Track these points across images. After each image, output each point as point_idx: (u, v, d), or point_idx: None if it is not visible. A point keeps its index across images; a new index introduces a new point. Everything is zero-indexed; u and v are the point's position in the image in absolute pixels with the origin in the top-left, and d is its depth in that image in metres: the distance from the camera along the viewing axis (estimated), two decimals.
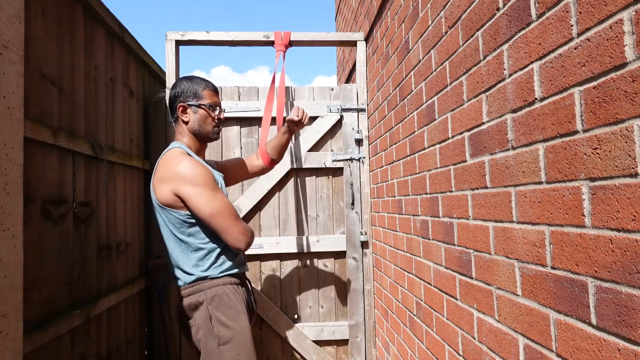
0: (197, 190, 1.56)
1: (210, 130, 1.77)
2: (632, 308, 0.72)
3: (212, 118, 1.76)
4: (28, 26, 1.54)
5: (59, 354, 1.71)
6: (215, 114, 1.77)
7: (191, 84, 1.76)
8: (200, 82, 1.78)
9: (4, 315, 0.89)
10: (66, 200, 1.80)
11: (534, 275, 1.00)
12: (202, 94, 1.75)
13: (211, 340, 1.59)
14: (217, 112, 1.78)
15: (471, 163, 1.33)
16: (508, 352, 1.12)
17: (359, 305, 2.82)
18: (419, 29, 1.81)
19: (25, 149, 1.41)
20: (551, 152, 0.94)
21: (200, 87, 1.76)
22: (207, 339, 1.59)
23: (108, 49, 2.32)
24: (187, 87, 1.76)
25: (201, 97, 1.75)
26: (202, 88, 1.76)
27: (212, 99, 1.77)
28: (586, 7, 0.83)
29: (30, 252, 1.50)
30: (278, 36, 2.85)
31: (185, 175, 1.57)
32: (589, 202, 0.83)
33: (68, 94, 1.86)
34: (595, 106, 0.81)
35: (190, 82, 1.77)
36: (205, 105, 1.74)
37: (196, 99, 1.75)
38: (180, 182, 1.57)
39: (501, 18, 1.14)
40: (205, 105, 1.74)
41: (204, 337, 1.60)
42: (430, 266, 1.71)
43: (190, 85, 1.76)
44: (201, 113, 1.74)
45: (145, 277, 2.74)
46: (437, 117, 1.62)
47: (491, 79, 1.20)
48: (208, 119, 1.75)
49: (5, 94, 0.94)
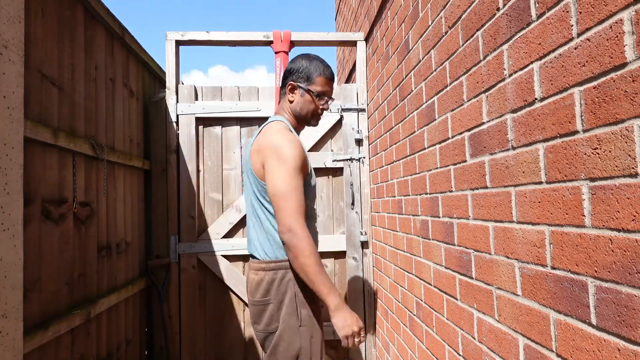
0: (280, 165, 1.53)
1: (310, 117, 1.73)
2: (632, 308, 0.72)
3: (316, 106, 1.71)
4: (28, 26, 1.54)
5: (59, 354, 1.71)
6: (321, 104, 1.72)
7: (309, 64, 1.71)
8: (317, 65, 1.72)
9: (4, 315, 0.89)
10: (66, 200, 1.80)
11: (534, 275, 1.00)
12: (315, 79, 1.70)
13: (293, 320, 1.57)
14: (324, 102, 1.72)
15: (471, 163, 1.33)
16: (508, 352, 1.12)
17: (359, 305, 2.82)
18: (419, 29, 1.81)
19: (25, 149, 1.41)
20: (551, 152, 0.94)
21: (316, 72, 1.70)
22: (290, 318, 1.57)
23: (108, 49, 2.32)
24: (304, 67, 1.71)
25: (312, 82, 1.69)
26: (317, 73, 1.70)
27: (323, 87, 1.70)
28: (586, 7, 0.83)
29: (30, 252, 1.50)
30: (278, 36, 2.85)
31: (278, 149, 1.55)
32: (589, 202, 0.83)
33: (68, 94, 1.86)
34: (595, 106, 0.81)
35: (309, 62, 1.72)
36: (314, 92, 1.69)
37: (307, 82, 1.70)
38: (272, 154, 1.55)
39: (501, 18, 1.14)
40: (313, 92, 1.69)
41: (287, 315, 1.57)
42: (430, 266, 1.71)
43: (308, 66, 1.71)
44: (307, 98, 1.70)
45: (145, 277, 2.74)
46: (437, 117, 1.62)
47: (491, 79, 1.20)
48: (312, 106, 1.71)
49: (5, 94, 0.94)
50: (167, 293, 2.78)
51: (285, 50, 2.85)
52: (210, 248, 2.77)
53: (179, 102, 2.82)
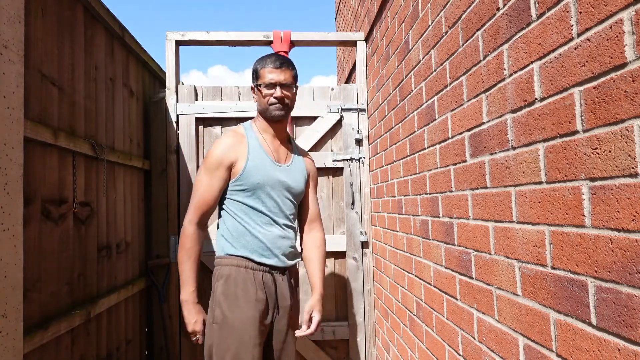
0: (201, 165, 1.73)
1: (266, 110, 1.74)
2: (632, 308, 0.72)
3: (265, 97, 1.72)
4: (28, 26, 1.54)
5: (59, 354, 1.71)
6: (269, 92, 1.72)
7: (256, 63, 1.77)
8: (260, 60, 1.77)
9: (4, 315, 0.89)
10: (66, 200, 1.80)
11: (534, 275, 1.00)
12: (260, 73, 1.74)
13: (210, 316, 1.67)
14: (271, 91, 1.72)
15: (471, 163, 1.33)
16: (508, 352, 1.12)
17: (359, 305, 2.82)
18: (419, 29, 1.81)
19: (25, 149, 1.41)
20: (551, 152, 0.94)
21: (260, 65, 1.75)
22: (209, 313, 1.68)
23: (108, 49, 2.32)
24: (253, 68, 1.78)
25: (259, 77, 1.75)
26: (260, 67, 1.75)
27: (267, 77, 1.72)
28: (586, 7, 0.83)
29: (30, 252, 1.50)
30: (278, 36, 2.85)
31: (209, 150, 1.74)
32: (589, 202, 0.83)
33: (68, 94, 1.86)
34: (595, 106, 0.81)
35: (257, 61, 1.78)
36: (261, 85, 1.73)
37: (256, 79, 1.76)
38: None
39: (501, 18, 1.14)
40: (260, 85, 1.73)
41: (209, 309, 1.68)
42: (430, 266, 1.71)
43: (255, 65, 1.77)
44: (258, 94, 1.75)
45: (145, 277, 2.74)
46: (437, 117, 1.62)
47: (491, 79, 1.20)
48: (263, 99, 1.73)
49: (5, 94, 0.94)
50: (167, 293, 2.78)
51: (285, 50, 2.85)
52: (210, 248, 2.77)
53: (179, 102, 2.82)
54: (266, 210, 1.72)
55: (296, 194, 1.82)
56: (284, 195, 1.77)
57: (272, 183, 1.73)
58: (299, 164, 1.87)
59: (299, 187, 1.82)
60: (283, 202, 1.76)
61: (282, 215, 1.76)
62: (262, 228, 1.71)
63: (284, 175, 1.77)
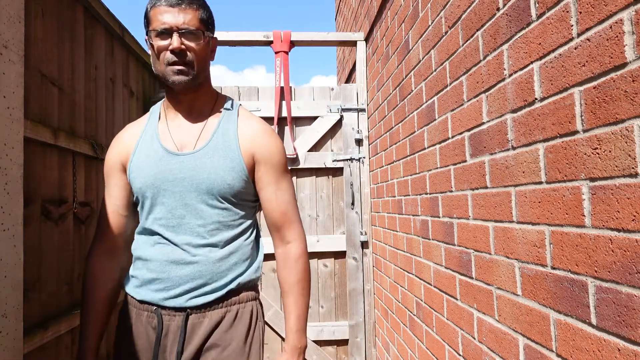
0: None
1: (163, 69, 1.12)
2: (632, 308, 0.72)
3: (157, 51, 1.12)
4: (28, 26, 1.54)
5: (59, 354, 1.71)
6: (162, 44, 1.11)
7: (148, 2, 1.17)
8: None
9: (4, 315, 0.89)
10: (66, 200, 1.80)
11: (534, 275, 1.00)
12: (150, 15, 1.14)
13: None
14: (166, 41, 1.10)
15: (471, 163, 1.33)
16: (508, 352, 1.12)
17: (359, 305, 2.82)
18: (419, 29, 1.81)
19: (25, 149, 1.41)
20: (551, 152, 0.94)
21: (149, 6, 1.15)
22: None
23: (108, 49, 2.32)
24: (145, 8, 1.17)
25: (149, 22, 1.14)
26: (150, 7, 1.14)
27: (158, 20, 1.11)
28: (586, 7, 0.83)
29: (30, 252, 1.50)
30: (278, 36, 2.85)
31: None
32: (589, 202, 0.83)
33: (68, 94, 1.86)
34: (595, 106, 0.81)
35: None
36: (152, 32, 1.12)
37: (147, 27, 1.16)
38: None
39: (501, 18, 1.14)
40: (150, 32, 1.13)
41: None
42: (430, 266, 1.71)
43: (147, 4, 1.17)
44: (151, 47, 1.14)
45: None
46: (437, 117, 1.62)
47: (491, 79, 1.20)
48: (157, 57, 1.13)
49: (5, 94, 0.93)
50: None
51: (285, 50, 2.85)
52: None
53: None
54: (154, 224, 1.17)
55: (219, 190, 1.14)
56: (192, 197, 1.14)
57: (162, 183, 1.14)
58: (228, 142, 1.17)
59: (219, 179, 1.14)
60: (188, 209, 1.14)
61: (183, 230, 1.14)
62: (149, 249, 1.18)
63: (187, 168, 1.14)
